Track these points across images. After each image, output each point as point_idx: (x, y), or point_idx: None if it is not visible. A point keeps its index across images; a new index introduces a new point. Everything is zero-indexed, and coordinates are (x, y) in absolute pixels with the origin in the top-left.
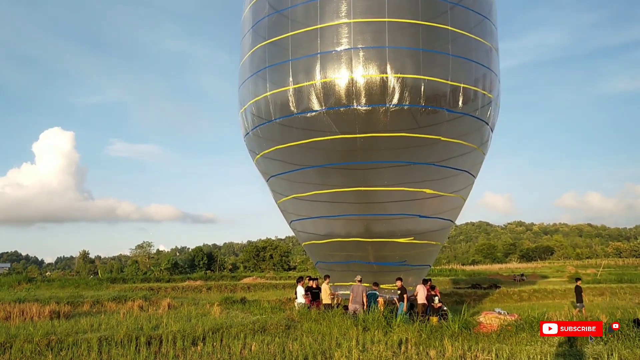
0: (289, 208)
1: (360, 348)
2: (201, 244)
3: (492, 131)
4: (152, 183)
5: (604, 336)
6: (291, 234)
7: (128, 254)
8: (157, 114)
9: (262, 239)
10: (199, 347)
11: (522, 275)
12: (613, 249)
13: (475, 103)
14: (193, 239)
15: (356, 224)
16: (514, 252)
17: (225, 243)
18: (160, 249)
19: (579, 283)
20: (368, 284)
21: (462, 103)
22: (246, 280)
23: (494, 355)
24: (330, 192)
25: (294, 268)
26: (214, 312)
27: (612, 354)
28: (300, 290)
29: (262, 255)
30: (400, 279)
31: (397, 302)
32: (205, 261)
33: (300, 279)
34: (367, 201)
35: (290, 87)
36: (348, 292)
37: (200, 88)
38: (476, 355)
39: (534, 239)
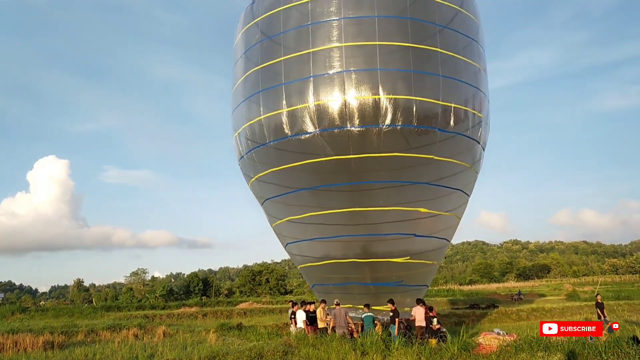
0: (284, 231)
1: None
2: (197, 269)
3: (483, 150)
4: (147, 209)
5: (604, 355)
6: (287, 257)
7: (123, 282)
8: (151, 140)
9: (258, 262)
10: None
11: (520, 293)
12: (609, 266)
13: (466, 123)
14: (188, 264)
15: (352, 244)
16: (511, 271)
17: (221, 268)
18: (155, 276)
19: (599, 299)
20: (361, 307)
21: (453, 123)
22: (242, 306)
23: None
24: (325, 213)
25: (291, 292)
26: (210, 339)
27: None
28: (301, 315)
29: (258, 279)
30: (392, 301)
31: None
32: (200, 287)
33: (300, 303)
34: (362, 221)
35: (284, 110)
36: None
37: (193, 113)
38: None
39: (530, 257)
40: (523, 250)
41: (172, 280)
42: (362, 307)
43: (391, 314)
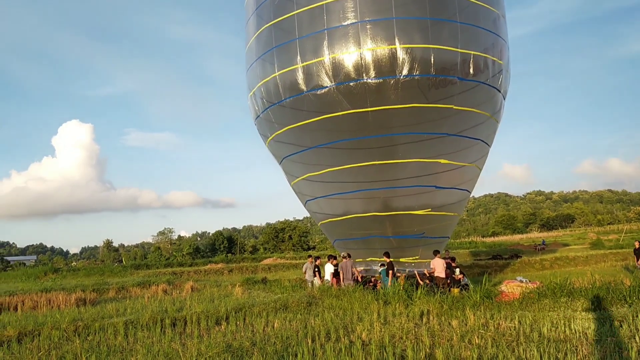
0: (303, 189)
1: (382, 321)
2: (221, 228)
3: (504, 99)
4: (170, 170)
5: (628, 299)
6: (308, 214)
7: (150, 241)
8: (170, 102)
9: (281, 220)
10: (222, 326)
11: (544, 243)
12: (635, 214)
13: (487, 71)
14: (213, 223)
15: (372, 199)
16: (534, 222)
17: (245, 226)
18: (181, 235)
19: (637, 244)
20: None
21: (473, 71)
22: (267, 262)
23: (516, 322)
24: (343, 168)
25: (314, 247)
26: (236, 292)
27: (637, 316)
28: (330, 268)
29: (281, 236)
30: (387, 253)
31: (413, 275)
32: (225, 245)
33: (317, 257)
34: (382, 175)
35: (299, 66)
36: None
37: (211, 74)
38: (499, 323)
39: (554, 207)
40: (547, 201)
41: (198, 239)
42: (383, 258)
43: (385, 266)
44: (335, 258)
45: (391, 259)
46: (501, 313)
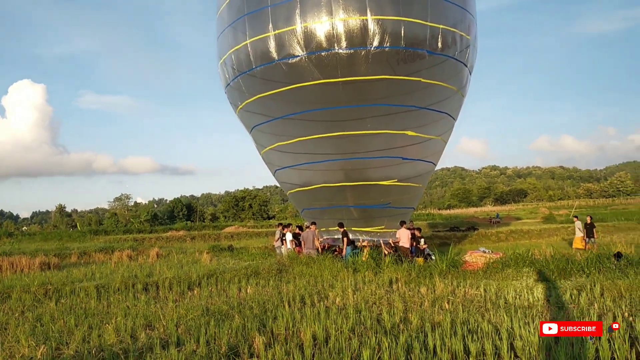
0: (273, 158)
1: (353, 288)
2: (179, 195)
3: (470, 74)
4: (128, 135)
5: (586, 269)
6: (269, 183)
7: (106, 207)
8: (128, 64)
9: (240, 189)
10: (195, 291)
11: (498, 216)
12: (584, 190)
13: (455, 46)
14: (170, 190)
15: (340, 169)
16: (489, 196)
17: (203, 194)
18: (137, 201)
19: (589, 220)
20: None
21: (441, 45)
22: (229, 230)
23: (482, 290)
24: (313, 138)
25: (273, 217)
26: (204, 259)
27: (594, 285)
28: (290, 235)
29: (242, 205)
30: (341, 224)
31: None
32: (184, 212)
33: (286, 225)
34: (350, 146)
35: (271, 34)
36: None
37: (172, 38)
38: (466, 291)
39: (507, 182)
40: (501, 176)
41: (155, 206)
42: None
43: (341, 235)
44: (289, 226)
45: (345, 228)
46: (467, 281)
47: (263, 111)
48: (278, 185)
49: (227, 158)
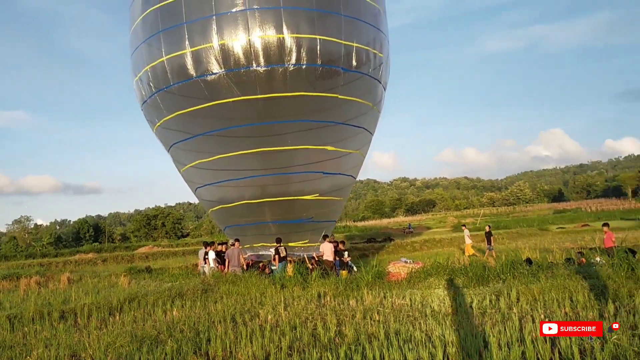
0: (193, 176)
1: (283, 304)
2: (84, 216)
3: (384, 90)
4: (26, 153)
5: (502, 275)
6: (182, 200)
7: (2, 231)
8: (25, 78)
9: (152, 207)
10: (117, 317)
11: (410, 226)
12: (487, 199)
13: (369, 63)
14: (74, 211)
15: (263, 185)
16: (400, 207)
17: (111, 213)
18: (38, 223)
19: (488, 229)
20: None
21: (356, 63)
22: (142, 250)
23: (408, 300)
24: (234, 154)
25: (188, 234)
26: (122, 282)
27: (511, 290)
28: (212, 254)
29: (154, 223)
30: (279, 239)
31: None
32: (91, 233)
33: (209, 244)
34: (272, 162)
35: (188, 51)
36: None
37: (74, 51)
38: (393, 301)
39: (417, 193)
40: (411, 187)
41: (58, 227)
42: (275, 244)
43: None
44: (221, 244)
45: (280, 245)
46: (393, 292)
47: (182, 128)
48: (192, 202)
49: (136, 175)
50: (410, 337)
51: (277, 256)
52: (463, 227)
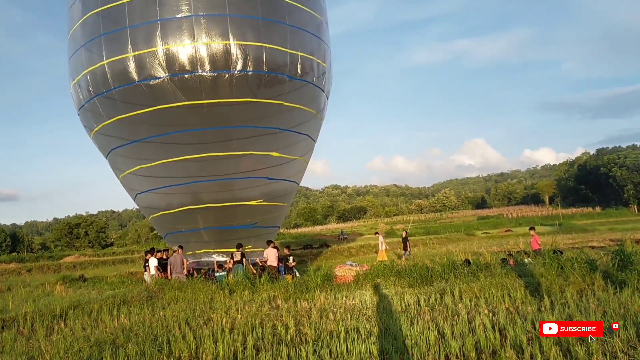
0: (133, 183)
1: (235, 309)
2: None
3: (327, 98)
4: None
5: (445, 275)
6: (104, 209)
7: None
8: None
9: (71, 215)
10: (62, 324)
11: (342, 233)
12: (416, 206)
13: (312, 72)
14: None
15: (206, 190)
16: (332, 214)
17: (27, 222)
18: None
19: (404, 235)
20: (214, 250)
21: (300, 71)
22: (68, 259)
23: (359, 300)
24: (177, 160)
25: (111, 244)
26: (58, 291)
27: (454, 289)
28: (154, 261)
29: (76, 232)
30: (239, 245)
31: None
32: (9, 242)
33: (150, 251)
34: (216, 168)
35: (130, 55)
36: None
37: None
38: (344, 301)
39: (348, 200)
40: (342, 194)
41: None
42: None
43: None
44: (161, 252)
45: (239, 249)
46: (342, 293)
47: (122, 134)
48: (115, 210)
49: (54, 182)
50: (370, 331)
51: (231, 260)
52: (376, 234)
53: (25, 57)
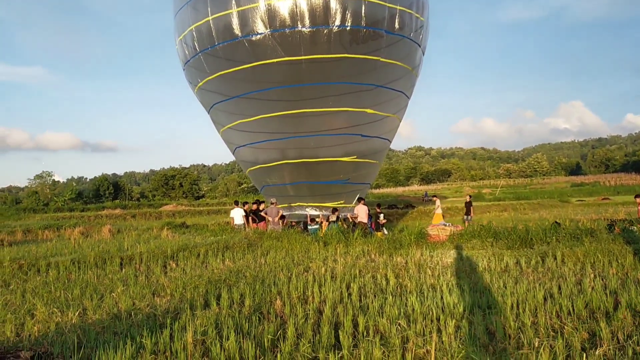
0: (232, 137)
1: (332, 259)
2: (99, 174)
3: (423, 54)
4: (44, 109)
5: (546, 238)
6: (196, 162)
7: (21, 186)
8: (43, 34)
9: (165, 167)
10: (174, 264)
11: (427, 195)
12: (504, 171)
13: (410, 26)
14: (90, 168)
15: (302, 145)
16: (415, 176)
17: (127, 172)
18: (55, 179)
19: (468, 199)
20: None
21: (398, 25)
22: (167, 208)
23: (453, 258)
24: (274, 115)
25: (203, 196)
26: (165, 235)
27: (556, 252)
28: (240, 211)
29: (172, 183)
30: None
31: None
32: (111, 191)
33: (238, 202)
34: (311, 123)
35: (234, 10)
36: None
37: (95, 8)
38: (440, 258)
39: (432, 162)
40: (426, 156)
41: (74, 184)
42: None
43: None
44: (245, 204)
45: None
46: (437, 251)
47: (224, 89)
48: (206, 164)
49: (151, 135)
50: (473, 287)
51: (326, 222)
52: (434, 198)
53: (128, 14)
